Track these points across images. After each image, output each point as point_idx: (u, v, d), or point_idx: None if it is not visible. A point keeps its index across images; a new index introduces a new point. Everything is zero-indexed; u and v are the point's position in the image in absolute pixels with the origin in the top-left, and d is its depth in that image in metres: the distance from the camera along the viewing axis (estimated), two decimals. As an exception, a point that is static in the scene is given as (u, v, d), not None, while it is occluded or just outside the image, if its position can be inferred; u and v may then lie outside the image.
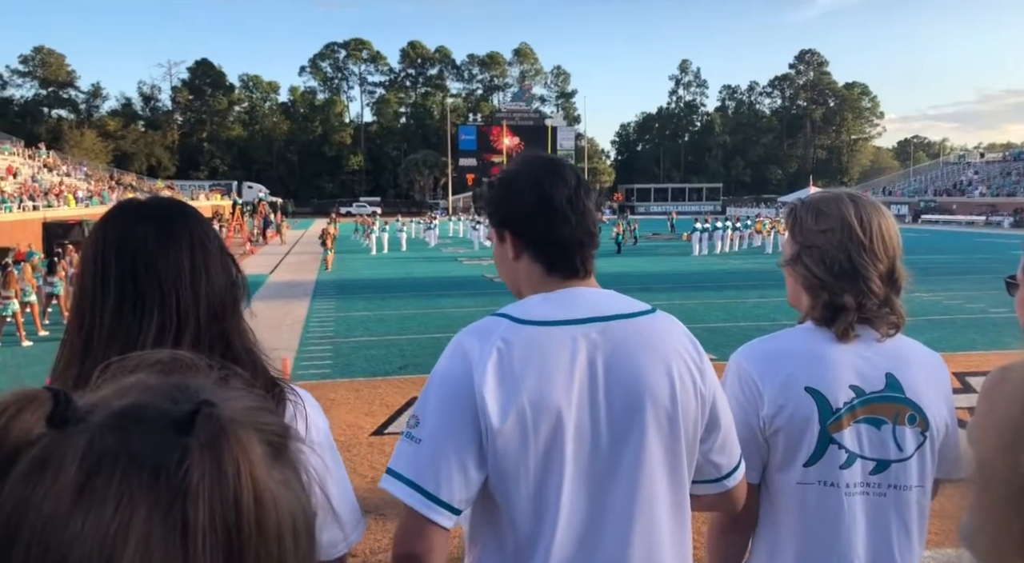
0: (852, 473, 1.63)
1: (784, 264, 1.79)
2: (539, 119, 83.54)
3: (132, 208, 1.35)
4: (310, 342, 11.95)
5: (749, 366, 1.68)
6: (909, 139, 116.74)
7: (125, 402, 0.48)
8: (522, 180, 1.53)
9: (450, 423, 1.36)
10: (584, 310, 1.44)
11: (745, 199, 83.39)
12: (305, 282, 20.58)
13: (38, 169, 47.81)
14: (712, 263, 26.31)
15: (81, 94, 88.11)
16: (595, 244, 1.54)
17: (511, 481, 1.37)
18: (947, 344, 10.52)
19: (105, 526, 0.42)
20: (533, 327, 1.40)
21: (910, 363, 1.69)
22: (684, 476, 1.46)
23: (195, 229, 1.34)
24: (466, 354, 1.39)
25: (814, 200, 1.77)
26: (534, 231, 1.50)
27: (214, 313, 1.30)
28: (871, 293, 1.66)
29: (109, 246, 1.29)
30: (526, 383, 1.35)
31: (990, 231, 48.05)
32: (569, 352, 1.39)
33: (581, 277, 1.52)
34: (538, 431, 1.35)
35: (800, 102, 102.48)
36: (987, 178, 67.03)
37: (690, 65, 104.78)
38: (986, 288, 16.97)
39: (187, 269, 1.30)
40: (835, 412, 1.62)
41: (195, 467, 0.44)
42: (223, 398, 0.49)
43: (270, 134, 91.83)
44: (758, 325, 11.90)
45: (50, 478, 0.43)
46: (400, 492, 1.35)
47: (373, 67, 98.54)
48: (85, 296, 1.28)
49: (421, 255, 30.53)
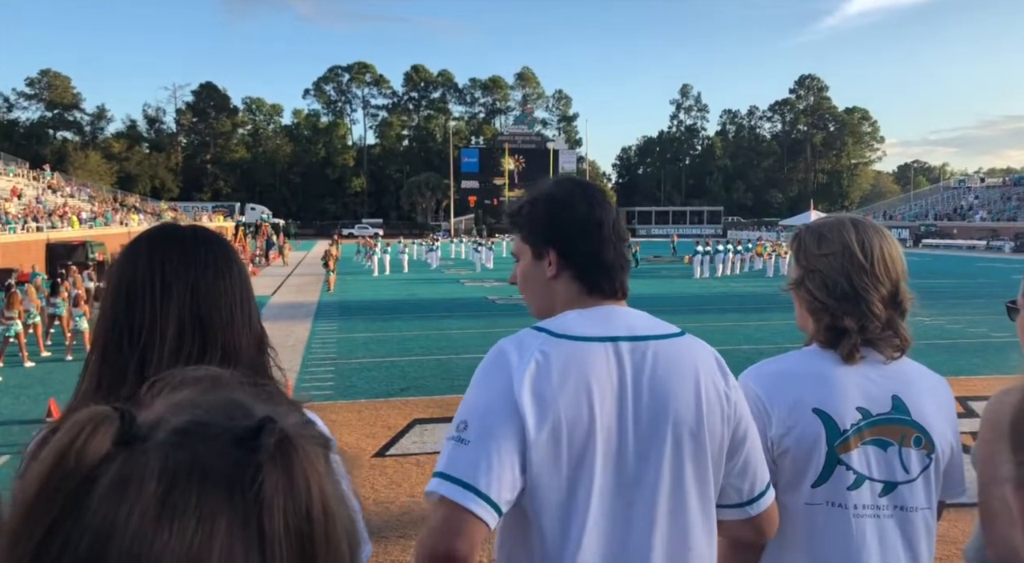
0: (860, 494, 1.64)
1: (789, 288, 1.82)
2: (541, 142, 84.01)
3: (186, 235, 1.34)
4: (312, 363, 11.94)
5: (757, 387, 1.69)
6: (909, 163, 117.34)
7: (184, 419, 0.50)
8: (573, 200, 1.57)
9: (497, 425, 1.37)
10: (619, 328, 1.48)
11: (746, 223, 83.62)
12: (307, 303, 20.60)
13: (42, 190, 48.07)
14: (713, 286, 26.33)
15: (86, 116, 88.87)
16: (629, 268, 1.63)
17: (542, 491, 1.40)
18: (949, 368, 10.49)
19: (190, 538, 0.44)
20: (571, 342, 1.44)
21: (915, 386, 1.71)
22: (711, 496, 1.48)
23: (239, 261, 1.37)
24: (507, 362, 1.42)
25: (817, 225, 1.81)
26: (582, 252, 1.55)
27: (259, 345, 1.33)
28: (873, 316, 1.68)
29: (168, 271, 1.27)
30: (562, 396, 1.38)
31: (991, 256, 48.07)
32: (603, 368, 1.42)
33: (618, 298, 1.57)
34: (571, 444, 1.38)
35: (800, 126, 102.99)
36: (987, 203, 67.22)
37: (691, 89, 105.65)
38: (988, 312, 16.96)
39: (238, 300, 1.32)
40: (843, 433, 1.64)
41: (268, 481, 0.46)
42: (277, 413, 0.51)
43: (273, 156, 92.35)
44: (759, 348, 11.85)
45: (133, 495, 0.44)
46: (449, 491, 1.34)
47: (376, 90, 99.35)
48: (139, 320, 1.24)
49: (423, 277, 30.56)
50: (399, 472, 6.44)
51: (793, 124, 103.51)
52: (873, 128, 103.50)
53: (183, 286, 1.27)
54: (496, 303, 20.92)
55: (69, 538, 0.45)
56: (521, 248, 1.62)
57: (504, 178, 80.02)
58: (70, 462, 0.47)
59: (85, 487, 0.46)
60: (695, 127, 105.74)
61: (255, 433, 0.48)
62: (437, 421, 8.13)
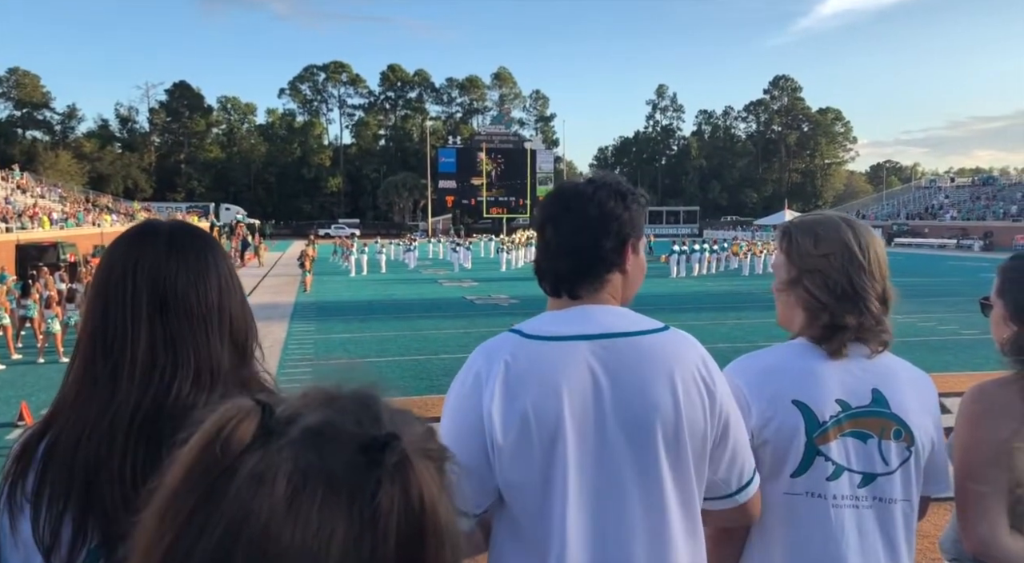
0: (840, 485, 1.67)
1: (783, 288, 1.82)
2: (518, 142, 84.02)
3: (160, 232, 1.29)
4: (289, 364, 11.87)
5: (738, 380, 1.71)
6: (882, 163, 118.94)
7: (317, 418, 0.53)
8: (543, 206, 1.66)
9: (461, 436, 1.43)
10: (592, 327, 1.50)
11: (722, 222, 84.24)
12: (284, 304, 20.45)
13: (11, 191, 47.22)
14: (689, 285, 26.51)
15: (56, 115, 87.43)
16: (598, 269, 1.64)
17: (517, 489, 1.43)
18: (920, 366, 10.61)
19: (311, 540, 0.47)
20: (540, 342, 1.47)
21: (896, 380, 1.74)
22: (693, 491, 1.49)
23: (222, 262, 1.30)
24: (477, 373, 1.47)
25: (810, 224, 1.82)
26: (541, 257, 1.64)
27: (237, 358, 1.28)
28: (870, 313, 1.73)
29: (139, 273, 1.23)
30: (528, 394, 1.41)
31: (961, 254, 48.89)
32: (573, 366, 1.44)
33: (587, 299, 1.59)
34: (542, 443, 1.41)
35: (775, 127, 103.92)
36: (957, 202, 68.32)
37: (667, 90, 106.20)
38: (958, 310, 17.23)
39: (216, 309, 1.25)
40: (821, 425, 1.67)
41: (385, 496, 0.49)
42: (403, 424, 0.54)
43: (248, 156, 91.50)
44: (736, 347, 11.90)
45: (266, 491, 0.47)
46: None
47: (352, 90, 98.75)
48: (112, 328, 1.21)
49: (401, 277, 30.46)
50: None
51: (767, 124, 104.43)
52: (846, 128, 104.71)
53: (156, 295, 1.22)
54: (475, 303, 20.91)
55: (207, 524, 0.48)
56: (637, 244, 1.67)
57: (482, 178, 79.93)
58: (215, 451, 0.50)
59: (226, 477, 0.49)
60: (671, 127, 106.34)
61: (381, 446, 0.51)
62: (416, 421, 8.09)
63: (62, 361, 12.49)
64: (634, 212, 1.60)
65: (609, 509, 1.44)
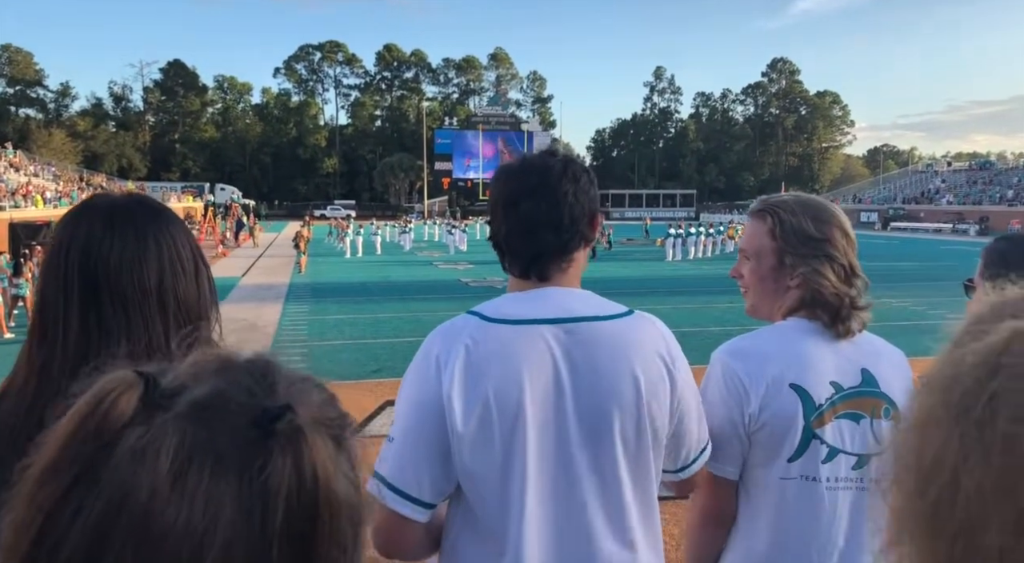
0: (834, 467, 1.66)
1: (767, 273, 1.77)
2: (515, 123, 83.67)
3: (100, 208, 1.20)
4: (283, 345, 11.84)
5: (736, 364, 1.69)
6: (879, 147, 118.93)
7: (206, 390, 0.50)
8: (499, 179, 1.61)
9: (418, 423, 1.40)
10: (554, 310, 1.46)
11: (719, 205, 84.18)
12: (278, 285, 20.41)
13: (4, 169, 46.92)
14: (685, 269, 26.50)
15: (50, 93, 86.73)
16: (569, 248, 1.60)
17: (477, 478, 1.40)
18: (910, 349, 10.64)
19: (196, 522, 0.45)
20: (501, 326, 1.43)
21: (881, 358, 1.74)
22: (651, 474, 1.49)
23: (167, 240, 1.20)
24: (435, 358, 1.42)
25: (800, 206, 1.77)
26: (502, 235, 1.58)
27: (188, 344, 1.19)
28: (859, 291, 1.73)
29: (72, 253, 1.15)
30: (489, 380, 1.38)
31: (957, 238, 48.94)
32: (535, 351, 1.41)
33: (554, 281, 1.55)
34: (502, 430, 1.38)
35: (772, 110, 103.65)
36: (954, 186, 68.31)
37: (665, 72, 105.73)
38: (950, 294, 17.26)
39: (155, 290, 1.16)
40: (817, 408, 1.65)
41: (275, 471, 0.47)
42: (300, 393, 0.52)
43: (243, 136, 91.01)
44: (727, 330, 11.94)
45: (148, 468, 0.45)
46: (374, 488, 1.40)
47: (348, 70, 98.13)
48: (46, 308, 1.15)
49: (396, 259, 30.41)
50: (371, 453, 6.29)
51: (765, 107, 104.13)
52: (843, 112, 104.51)
53: (88, 272, 1.13)
54: (469, 285, 20.88)
55: (82, 505, 0.45)
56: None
57: (479, 159, 79.65)
58: (91, 427, 0.47)
59: (104, 453, 0.46)
60: (669, 110, 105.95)
61: (272, 419, 0.48)
62: (409, 403, 8.10)
63: (55, 341, 12.45)
64: (595, 186, 1.57)
65: (568, 499, 1.42)
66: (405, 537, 1.43)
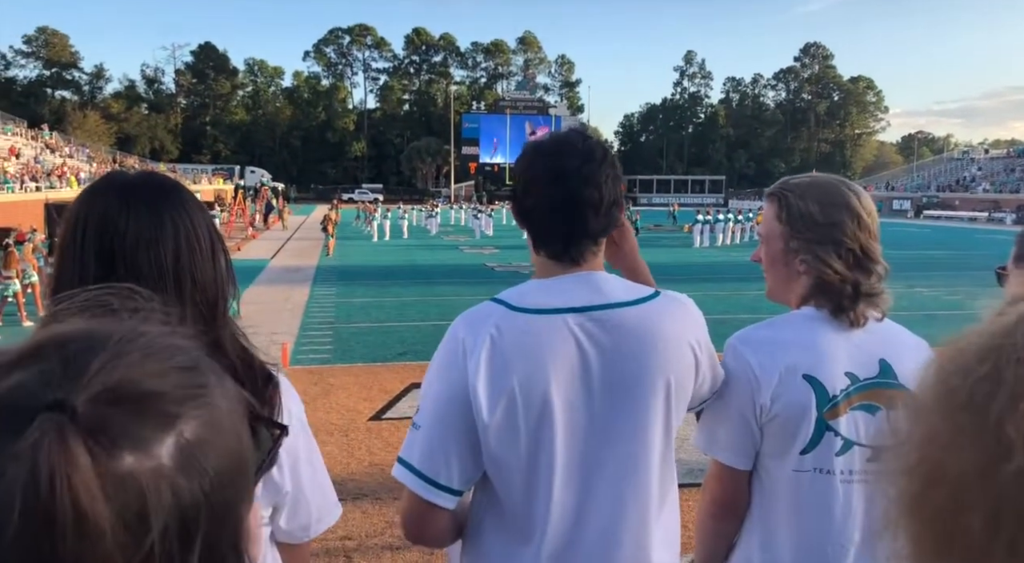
0: (848, 460, 1.63)
1: (778, 258, 1.74)
2: (543, 108, 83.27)
3: (116, 185, 1.19)
4: (310, 327, 11.97)
5: (748, 354, 1.65)
6: (913, 134, 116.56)
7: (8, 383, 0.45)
8: (526, 158, 1.59)
9: (445, 412, 1.40)
10: (579, 298, 1.44)
11: (748, 192, 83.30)
12: (306, 267, 20.58)
13: (40, 150, 47.74)
14: (713, 255, 26.30)
15: (84, 75, 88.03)
16: (598, 231, 1.57)
17: (503, 467, 1.40)
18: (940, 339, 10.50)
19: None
20: (526, 315, 1.41)
21: (901, 348, 1.68)
22: (672, 463, 1.49)
23: (183, 218, 1.19)
24: (461, 345, 1.41)
25: (808, 189, 1.73)
26: (531, 216, 1.55)
27: (204, 321, 1.18)
28: (877, 277, 1.67)
29: (88, 230, 1.14)
30: (514, 372, 1.37)
31: (992, 227, 47.96)
32: (560, 341, 1.40)
33: (582, 265, 1.52)
34: (528, 418, 1.38)
35: (804, 95, 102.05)
36: (991, 174, 66.89)
37: (695, 56, 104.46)
38: (986, 284, 16.93)
39: (171, 269, 1.16)
40: (831, 399, 1.62)
41: (9, 482, 0.41)
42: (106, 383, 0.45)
43: (273, 119, 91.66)
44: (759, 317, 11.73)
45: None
46: (401, 476, 1.41)
47: (377, 53, 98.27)
48: (62, 285, 1.13)
49: (422, 243, 30.51)
50: (395, 435, 6.48)
51: (797, 93, 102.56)
52: (878, 98, 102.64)
53: (104, 251, 1.13)
54: (495, 270, 20.91)
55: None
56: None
57: (506, 144, 79.45)
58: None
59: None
60: (698, 95, 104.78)
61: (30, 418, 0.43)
62: (434, 386, 8.16)
63: (89, 319, 12.68)
64: (619, 168, 1.55)
65: (594, 488, 1.42)
66: (433, 524, 1.43)
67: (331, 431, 6.48)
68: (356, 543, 4.48)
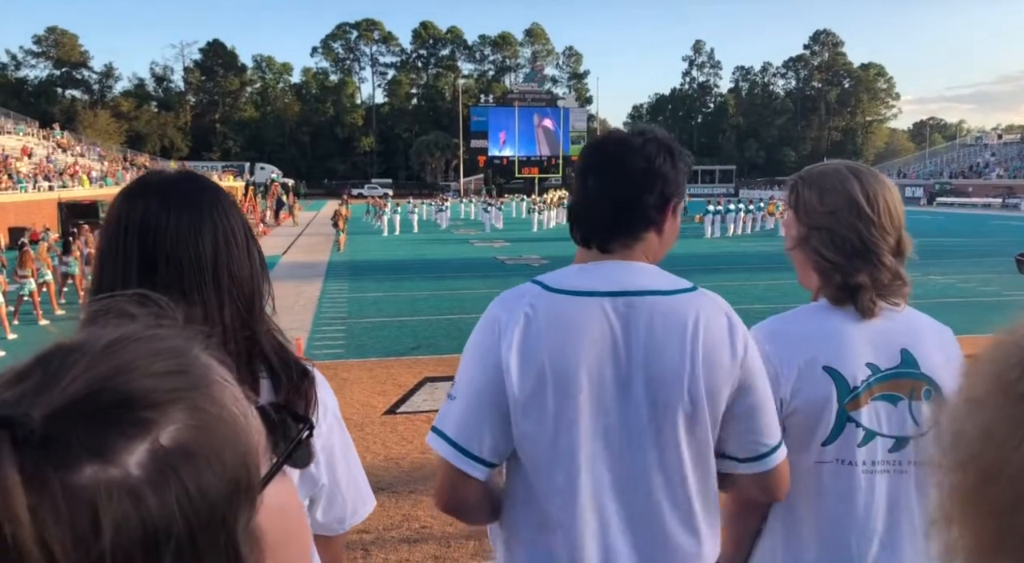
0: (870, 451, 1.62)
1: (792, 248, 1.76)
2: (551, 100, 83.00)
3: (155, 185, 1.22)
4: (323, 322, 12.03)
5: (768, 346, 1.64)
6: (925, 121, 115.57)
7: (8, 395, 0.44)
8: (585, 152, 1.63)
9: (479, 385, 1.45)
10: (615, 284, 1.47)
11: (759, 181, 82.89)
12: (318, 263, 20.66)
13: (52, 149, 48.04)
14: (724, 245, 26.20)
15: (94, 75, 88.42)
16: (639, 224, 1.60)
17: (530, 443, 1.43)
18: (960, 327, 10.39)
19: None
20: (561, 296, 1.45)
21: (923, 337, 1.67)
22: (708, 453, 1.48)
23: (221, 215, 1.22)
24: (496, 323, 1.47)
25: (815, 177, 1.72)
26: (575, 206, 1.62)
27: (241, 317, 1.21)
28: (884, 268, 1.64)
29: (130, 230, 1.16)
30: (546, 348, 1.41)
31: (1007, 214, 47.55)
32: (593, 322, 1.43)
33: (620, 255, 1.56)
34: (556, 394, 1.40)
35: (815, 83, 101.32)
36: (1004, 160, 66.24)
37: (704, 46, 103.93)
38: (1001, 271, 16.83)
39: (210, 265, 1.18)
40: (852, 391, 1.61)
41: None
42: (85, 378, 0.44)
43: (282, 115, 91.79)
44: (772, 308, 11.66)
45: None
46: (435, 443, 1.46)
47: (384, 48, 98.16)
48: (104, 285, 1.16)
49: (433, 237, 30.55)
50: (410, 429, 6.51)
51: (807, 81, 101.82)
52: (889, 84, 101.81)
53: (147, 248, 1.15)
54: (505, 263, 20.92)
55: None
56: (678, 205, 1.63)
57: (514, 137, 79.31)
58: None
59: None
60: (708, 84, 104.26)
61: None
62: (447, 379, 8.16)
63: (104, 317, 12.78)
64: (680, 172, 1.54)
65: (622, 469, 1.43)
66: (466, 494, 1.47)
67: (346, 426, 6.51)
68: (373, 536, 4.52)
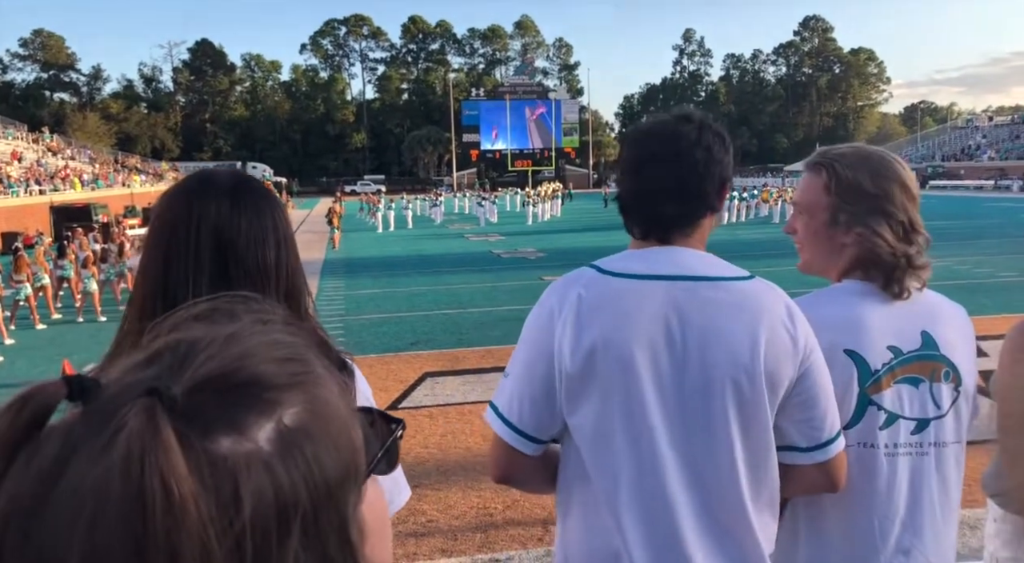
0: (892, 433, 1.62)
1: (821, 229, 1.71)
2: (542, 92, 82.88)
3: (223, 188, 1.25)
4: (321, 320, 11.94)
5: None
6: (916, 104, 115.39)
7: (126, 382, 0.46)
8: (632, 139, 1.64)
9: (531, 364, 1.47)
10: (670, 268, 1.47)
11: (751, 169, 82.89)
12: (313, 261, 20.61)
13: (42, 153, 47.82)
14: (719, 233, 26.21)
15: (82, 77, 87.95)
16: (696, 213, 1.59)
17: (579, 421, 1.44)
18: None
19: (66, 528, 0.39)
20: (615, 278, 1.46)
21: (942, 318, 1.68)
22: (767, 441, 1.45)
23: (280, 217, 1.28)
24: (550, 303, 1.48)
25: (859, 160, 1.69)
26: (625, 194, 1.61)
27: (296, 312, 1.25)
28: (920, 248, 1.66)
29: (203, 231, 1.19)
30: (597, 327, 1.41)
31: (999, 195, 47.71)
32: (648, 304, 1.42)
33: (676, 242, 1.55)
34: (607, 375, 1.40)
35: (805, 69, 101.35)
36: (995, 141, 66.41)
37: (694, 34, 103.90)
38: (995, 252, 16.91)
39: (273, 264, 1.24)
40: (874, 374, 1.61)
41: (107, 463, 0.41)
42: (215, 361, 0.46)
43: (272, 114, 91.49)
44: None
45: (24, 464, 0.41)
46: (490, 419, 1.51)
47: (374, 43, 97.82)
48: (173, 284, 1.17)
49: (428, 232, 30.51)
50: (412, 424, 6.53)
51: (798, 67, 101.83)
52: (879, 69, 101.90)
53: (219, 253, 1.19)
54: (501, 257, 20.92)
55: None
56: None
57: (506, 130, 79.19)
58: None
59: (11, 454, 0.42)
60: (698, 73, 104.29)
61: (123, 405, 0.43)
62: (447, 374, 8.22)
63: (100, 320, 12.80)
64: (730, 154, 1.57)
65: (673, 449, 1.41)
66: (515, 466, 1.51)
67: (348, 422, 6.52)
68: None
